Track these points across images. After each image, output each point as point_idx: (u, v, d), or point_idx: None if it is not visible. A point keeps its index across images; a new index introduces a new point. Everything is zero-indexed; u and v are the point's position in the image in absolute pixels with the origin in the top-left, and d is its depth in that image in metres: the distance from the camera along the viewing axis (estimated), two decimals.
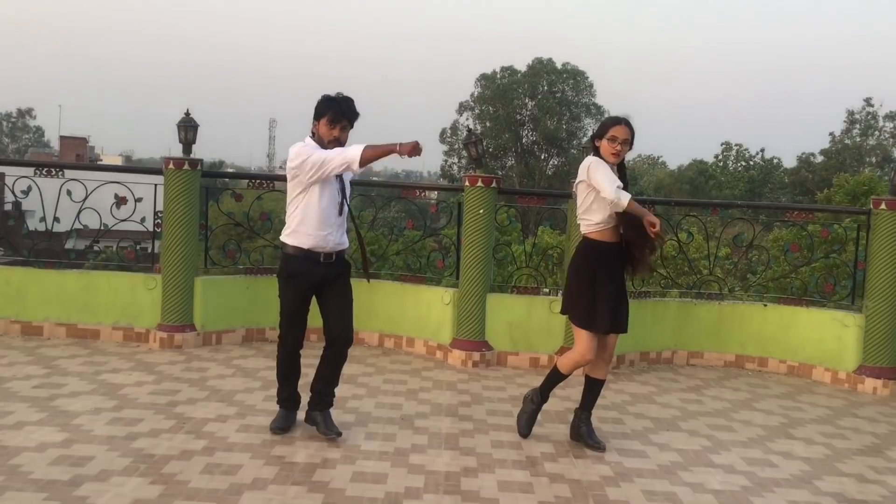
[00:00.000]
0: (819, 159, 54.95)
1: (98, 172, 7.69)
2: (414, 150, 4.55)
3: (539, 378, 6.91)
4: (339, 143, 4.75)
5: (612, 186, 4.76)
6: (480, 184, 7.26)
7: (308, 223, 4.76)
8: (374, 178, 22.65)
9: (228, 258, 7.79)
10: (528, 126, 53.66)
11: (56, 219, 7.29)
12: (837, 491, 4.67)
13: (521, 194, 8.00)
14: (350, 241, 5.15)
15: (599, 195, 4.84)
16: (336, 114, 4.73)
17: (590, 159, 4.94)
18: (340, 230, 4.89)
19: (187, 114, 7.27)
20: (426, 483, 4.36)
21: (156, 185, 7.31)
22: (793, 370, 7.67)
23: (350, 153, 4.60)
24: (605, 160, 4.91)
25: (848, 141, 56.53)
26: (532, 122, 53.30)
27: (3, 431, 4.72)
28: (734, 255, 9.32)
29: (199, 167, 7.27)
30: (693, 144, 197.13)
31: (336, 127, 4.74)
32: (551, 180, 50.74)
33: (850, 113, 57.16)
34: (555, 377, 5.15)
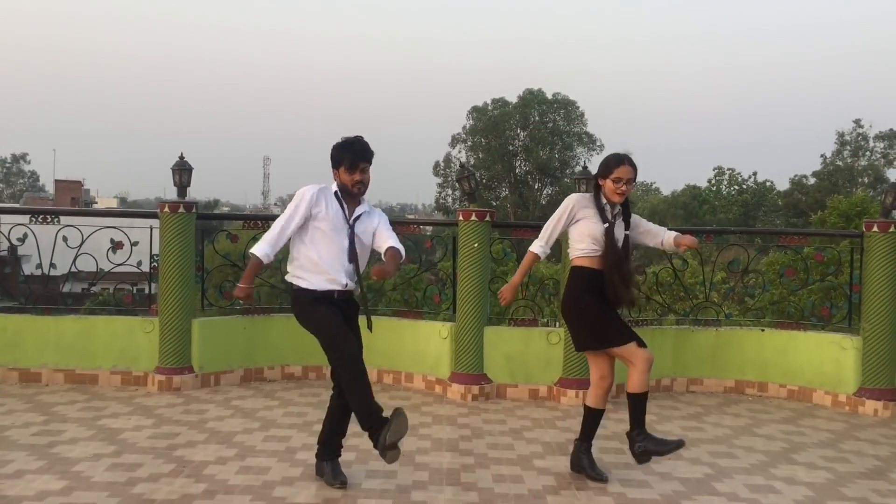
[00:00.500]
0: (812, 181, 55.31)
1: (93, 217, 7.72)
2: (240, 293, 4.72)
3: (539, 409, 6.92)
4: (364, 185, 4.82)
5: (538, 242, 5.02)
6: (474, 218, 7.30)
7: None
8: None
9: (225, 299, 7.80)
10: (521, 156, 53.99)
11: (52, 265, 7.32)
12: None
13: (516, 227, 8.04)
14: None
15: (581, 224, 4.95)
16: (352, 160, 4.79)
17: (570, 198, 5.06)
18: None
19: (181, 157, 7.32)
20: None
21: (151, 228, 7.34)
22: (793, 394, 7.65)
23: (261, 247, 4.69)
24: (609, 199, 4.97)
25: (840, 162, 56.90)
26: (525, 153, 53.64)
27: (3, 480, 4.70)
28: (730, 280, 9.33)
29: (194, 210, 7.31)
30: (686, 170, 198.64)
31: (356, 172, 4.80)
32: (545, 210, 50.84)
33: (841, 134, 57.57)
34: (594, 418, 5.13)
